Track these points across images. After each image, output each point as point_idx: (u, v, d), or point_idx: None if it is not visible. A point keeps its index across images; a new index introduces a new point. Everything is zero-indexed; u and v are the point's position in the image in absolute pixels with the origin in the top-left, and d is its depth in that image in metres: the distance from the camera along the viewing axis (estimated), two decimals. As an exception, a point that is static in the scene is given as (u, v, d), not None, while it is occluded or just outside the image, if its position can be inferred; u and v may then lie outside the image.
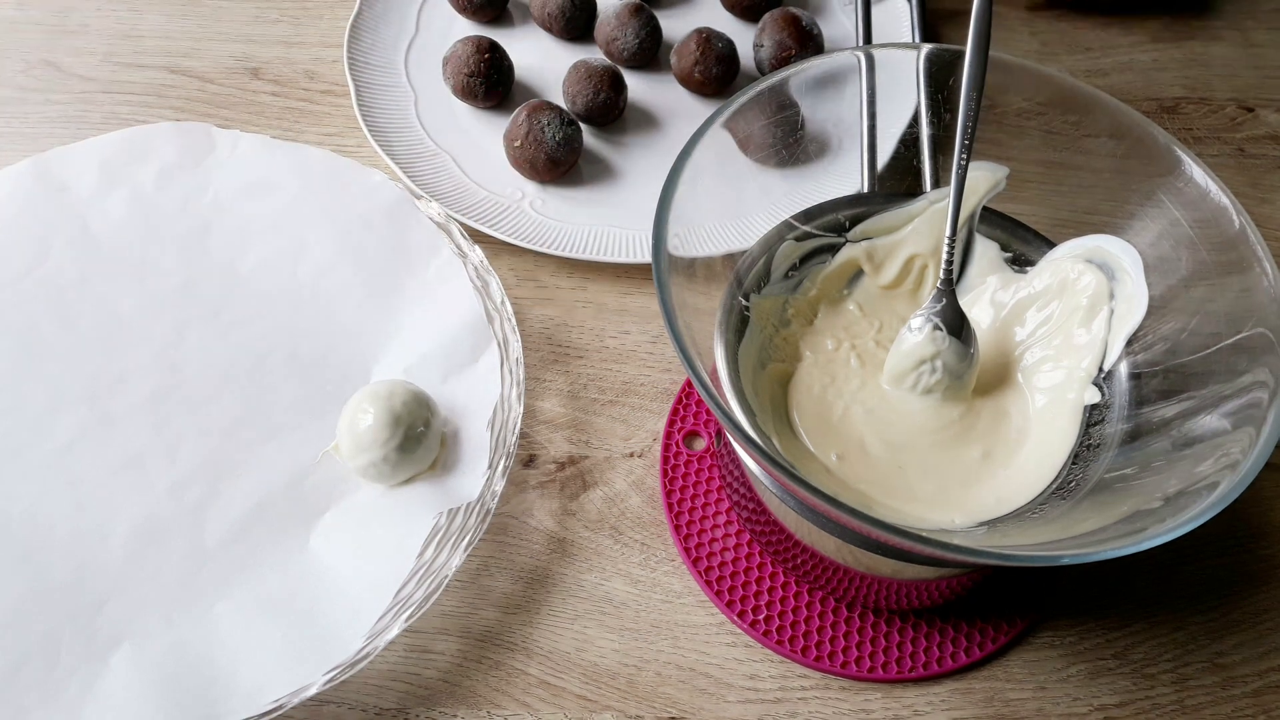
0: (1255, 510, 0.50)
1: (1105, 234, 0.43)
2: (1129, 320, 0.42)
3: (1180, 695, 0.45)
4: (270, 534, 0.47)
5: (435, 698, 0.45)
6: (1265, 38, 0.73)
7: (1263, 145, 0.66)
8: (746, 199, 0.46)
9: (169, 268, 0.56)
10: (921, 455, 0.42)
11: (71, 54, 0.70)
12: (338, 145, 0.64)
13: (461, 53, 0.63)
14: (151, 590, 0.46)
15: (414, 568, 0.45)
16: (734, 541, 0.48)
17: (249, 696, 0.42)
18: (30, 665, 0.43)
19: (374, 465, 0.47)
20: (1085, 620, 0.47)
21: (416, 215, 0.57)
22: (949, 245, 0.43)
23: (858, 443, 0.43)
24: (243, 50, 0.71)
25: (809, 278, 0.46)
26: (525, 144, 0.59)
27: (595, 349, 0.56)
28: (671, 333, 0.36)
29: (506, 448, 0.48)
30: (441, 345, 0.52)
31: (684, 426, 0.52)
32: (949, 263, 0.43)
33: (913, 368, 0.43)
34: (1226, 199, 0.39)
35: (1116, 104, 0.42)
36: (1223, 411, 0.37)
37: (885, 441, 0.43)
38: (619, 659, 0.46)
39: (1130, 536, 0.33)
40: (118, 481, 0.49)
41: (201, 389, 0.52)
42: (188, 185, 0.59)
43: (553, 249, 0.57)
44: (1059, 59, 0.71)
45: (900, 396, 0.44)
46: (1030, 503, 0.40)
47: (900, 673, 0.45)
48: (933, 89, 0.47)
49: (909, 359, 0.43)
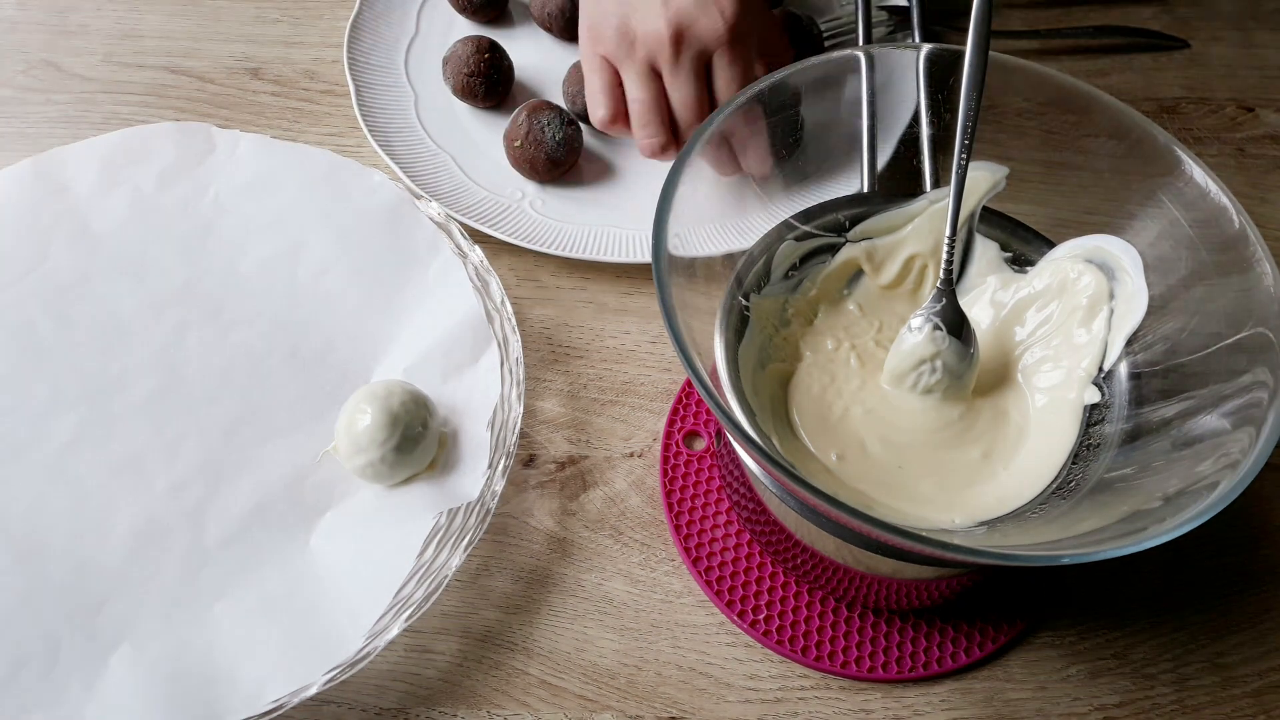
0: (1255, 510, 0.50)
1: (1105, 234, 0.43)
2: (1129, 320, 0.42)
3: (1180, 695, 0.45)
4: (270, 534, 0.47)
5: (435, 698, 0.45)
6: (1266, 38, 0.73)
7: (1263, 145, 0.66)
8: (746, 199, 0.46)
9: (169, 268, 0.56)
10: (921, 455, 0.42)
11: (72, 54, 0.70)
12: (338, 145, 0.64)
13: (461, 53, 0.63)
14: (151, 590, 0.46)
15: (414, 568, 0.45)
16: (734, 541, 0.48)
17: (249, 696, 0.42)
18: (30, 665, 0.43)
19: (372, 466, 0.47)
20: (1085, 620, 0.47)
21: (416, 215, 0.57)
22: (949, 245, 0.43)
23: (858, 443, 0.43)
24: (243, 50, 0.71)
25: (809, 278, 0.46)
26: (525, 144, 0.59)
27: (595, 349, 0.56)
28: (671, 333, 0.36)
29: (506, 448, 0.48)
30: (441, 345, 0.52)
31: (684, 426, 0.52)
32: (949, 262, 0.43)
33: (913, 368, 0.43)
34: (1226, 199, 0.39)
35: (1116, 104, 0.42)
36: (1222, 411, 0.37)
37: (885, 441, 0.43)
38: (619, 659, 0.46)
39: (1130, 536, 0.33)
40: (117, 481, 0.49)
41: (201, 389, 0.52)
42: (188, 185, 0.59)
43: (553, 249, 0.57)
44: (1059, 59, 0.71)
45: (900, 396, 0.44)
46: (1030, 503, 0.40)
47: (900, 673, 0.45)
48: (933, 89, 0.47)
49: (909, 359, 0.43)
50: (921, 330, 0.42)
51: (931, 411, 0.43)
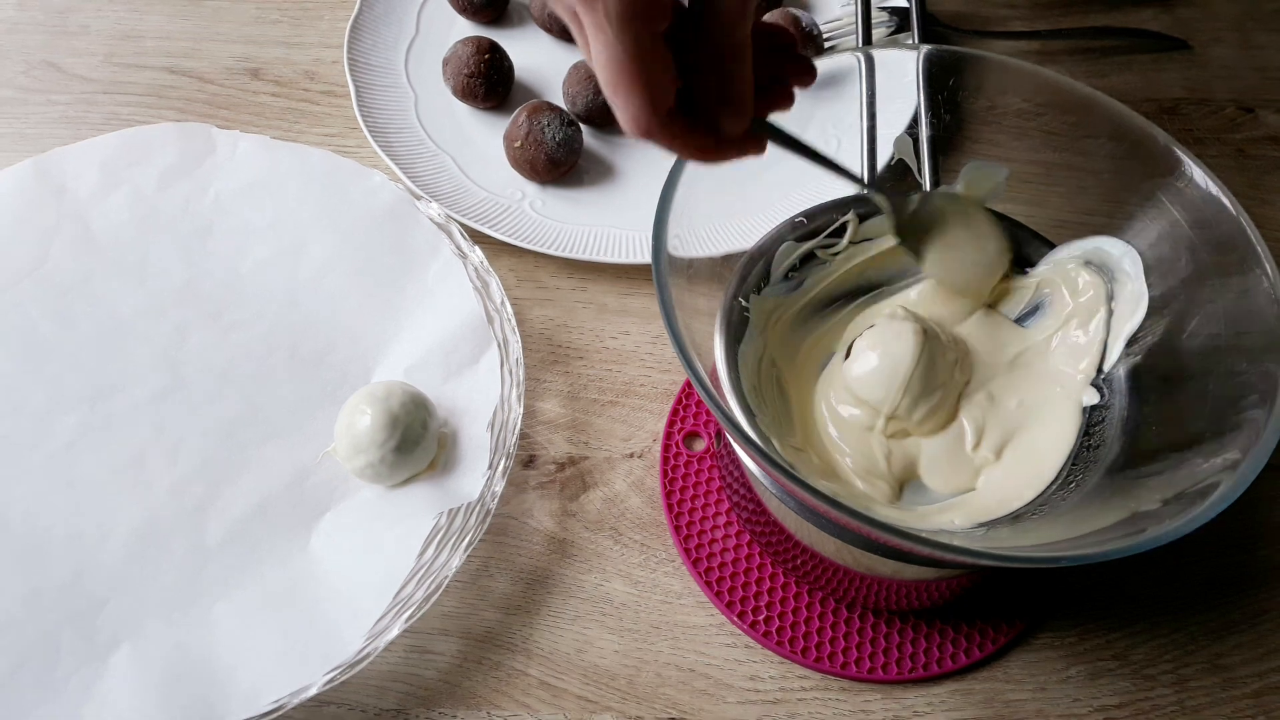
0: (1255, 511, 0.50)
1: (1105, 235, 0.43)
2: (1129, 321, 0.42)
3: (1180, 696, 0.45)
4: (270, 534, 0.47)
5: (435, 698, 0.45)
6: (1266, 39, 0.73)
7: (1262, 146, 0.66)
8: (746, 199, 0.46)
9: (169, 268, 0.56)
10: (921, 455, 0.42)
11: (72, 55, 0.70)
12: (338, 146, 0.64)
13: (462, 53, 0.63)
14: (151, 590, 0.46)
15: (414, 568, 0.45)
16: (734, 542, 0.48)
17: (249, 697, 0.42)
18: (30, 665, 0.43)
19: (371, 466, 0.47)
20: (1085, 621, 0.47)
21: (416, 216, 0.57)
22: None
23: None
24: (243, 51, 0.71)
25: (809, 278, 0.46)
26: (525, 145, 0.59)
27: (595, 349, 0.56)
28: (671, 333, 0.36)
29: (506, 448, 0.48)
30: (441, 346, 0.52)
31: (684, 427, 0.52)
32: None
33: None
34: (1226, 200, 0.39)
35: (1116, 105, 0.42)
36: (1222, 413, 0.37)
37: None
38: (619, 660, 0.46)
39: (1130, 537, 0.33)
40: (118, 482, 0.49)
41: (202, 389, 0.52)
42: (188, 186, 0.59)
43: (553, 249, 0.57)
44: (1059, 60, 0.71)
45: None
46: (1030, 504, 0.40)
47: (900, 673, 0.45)
48: (933, 89, 0.47)
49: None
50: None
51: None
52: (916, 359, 0.41)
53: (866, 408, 0.42)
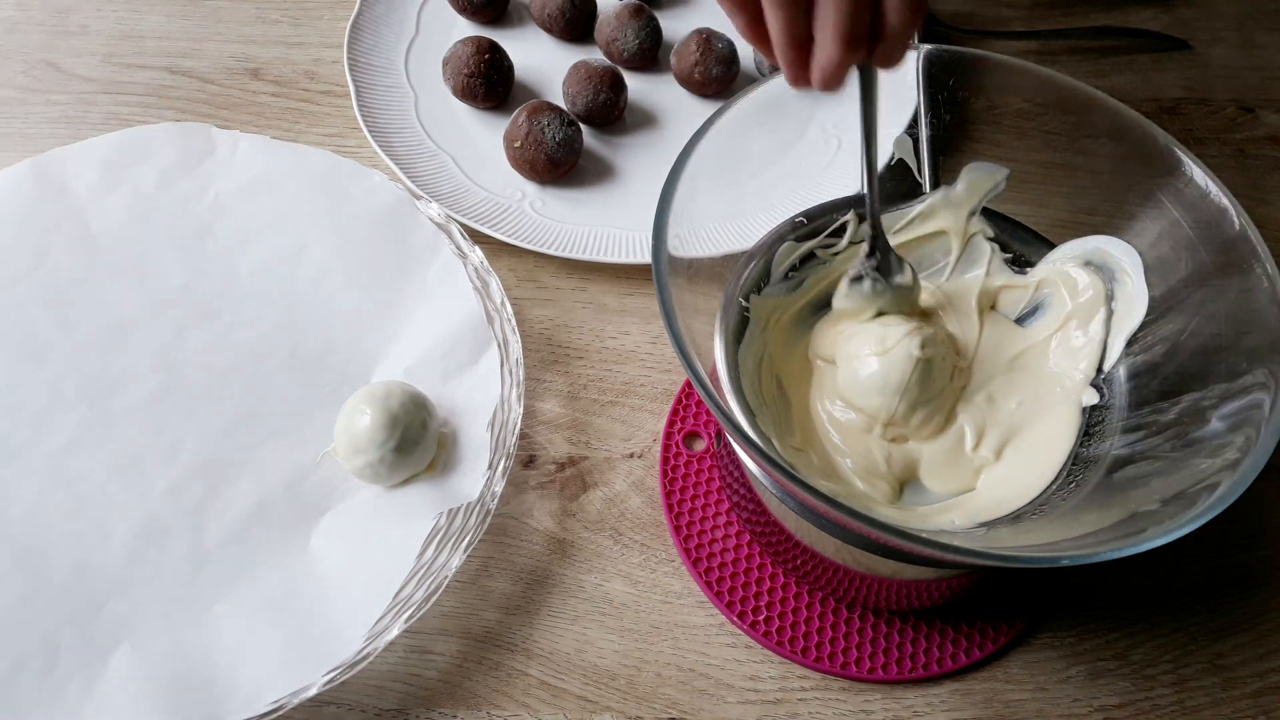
0: (1255, 511, 0.50)
1: (1105, 235, 0.43)
2: (1129, 321, 0.42)
3: (1180, 696, 0.45)
4: (270, 535, 0.47)
5: (435, 698, 0.45)
6: (1266, 39, 0.73)
7: (1263, 146, 0.66)
8: (746, 199, 0.46)
9: (169, 268, 0.56)
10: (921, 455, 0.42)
11: (72, 54, 0.70)
12: (338, 146, 0.64)
13: (461, 53, 0.63)
14: (151, 590, 0.46)
15: (414, 568, 0.45)
16: (734, 542, 0.48)
17: (249, 697, 0.42)
18: (30, 666, 0.43)
19: (371, 466, 0.47)
20: (1085, 621, 0.47)
21: (416, 216, 0.57)
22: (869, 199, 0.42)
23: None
24: (243, 51, 0.71)
25: (809, 278, 0.46)
26: (525, 145, 0.59)
27: (595, 349, 0.56)
28: (671, 333, 0.36)
29: (506, 448, 0.48)
30: (441, 346, 0.52)
31: (684, 427, 0.52)
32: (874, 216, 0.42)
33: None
34: (1226, 200, 0.39)
35: (1116, 104, 0.42)
36: (1222, 413, 0.37)
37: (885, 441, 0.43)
38: (619, 660, 0.46)
39: (1130, 537, 0.33)
40: (117, 482, 0.49)
41: (201, 389, 0.52)
42: (188, 186, 0.59)
43: (553, 249, 0.57)
44: (1059, 60, 0.71)
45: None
46: (1030, 504, 0.40)
47: (900, 673, 0.45)
48: (933, 89, 0.47)
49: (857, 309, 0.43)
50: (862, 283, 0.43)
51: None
52: (913, 367, 0.41)
53: (863, 413, 0.42)
